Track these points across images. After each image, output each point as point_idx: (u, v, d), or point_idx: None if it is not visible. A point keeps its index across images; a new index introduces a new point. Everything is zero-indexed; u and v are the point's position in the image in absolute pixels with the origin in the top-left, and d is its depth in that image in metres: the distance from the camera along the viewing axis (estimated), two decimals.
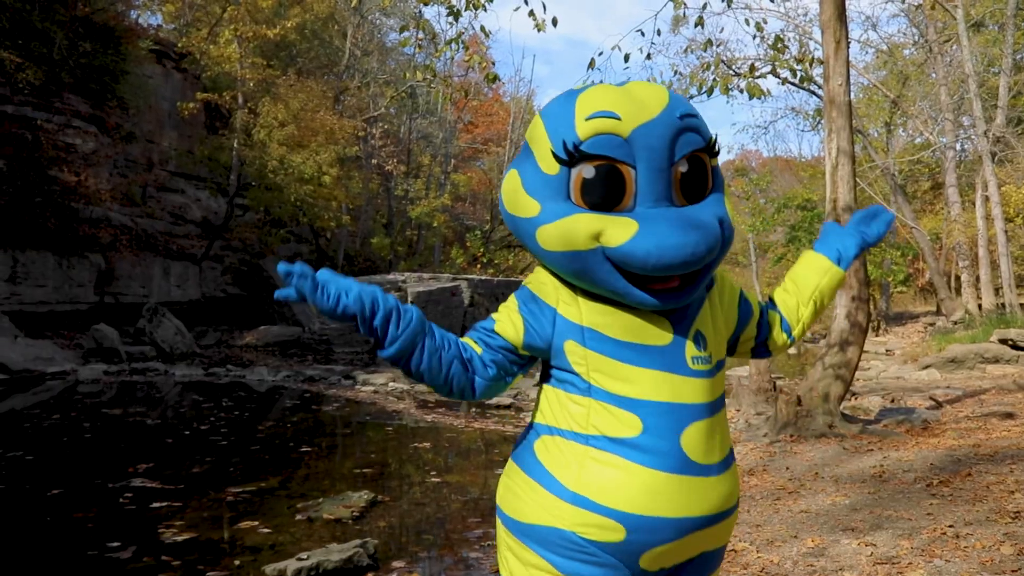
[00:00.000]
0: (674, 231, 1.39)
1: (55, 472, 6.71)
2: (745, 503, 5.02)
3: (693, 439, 1.46)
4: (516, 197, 1.54)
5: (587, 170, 1.42)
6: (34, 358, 13.73)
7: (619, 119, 1.40)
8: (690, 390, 1.47)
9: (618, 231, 1.40)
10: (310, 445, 8.26)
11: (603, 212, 1.42)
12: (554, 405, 1.52)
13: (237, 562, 4.51)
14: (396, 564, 4.45)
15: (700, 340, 1.52)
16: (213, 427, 9.06)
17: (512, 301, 1.58)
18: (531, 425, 1.59)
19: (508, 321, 1.55)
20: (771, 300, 1.77)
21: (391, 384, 13.10)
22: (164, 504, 5.64)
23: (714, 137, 1.49)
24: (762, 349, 1.74)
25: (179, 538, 4.88)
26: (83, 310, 18.10)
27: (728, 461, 1.55)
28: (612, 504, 1.43)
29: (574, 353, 1.49)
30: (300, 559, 4.23)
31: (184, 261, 21.99)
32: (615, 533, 1.43)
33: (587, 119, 1.41)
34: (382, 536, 4.92)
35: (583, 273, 1.46)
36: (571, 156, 1.41)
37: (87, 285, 18.28)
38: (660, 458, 1.44)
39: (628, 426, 1.44)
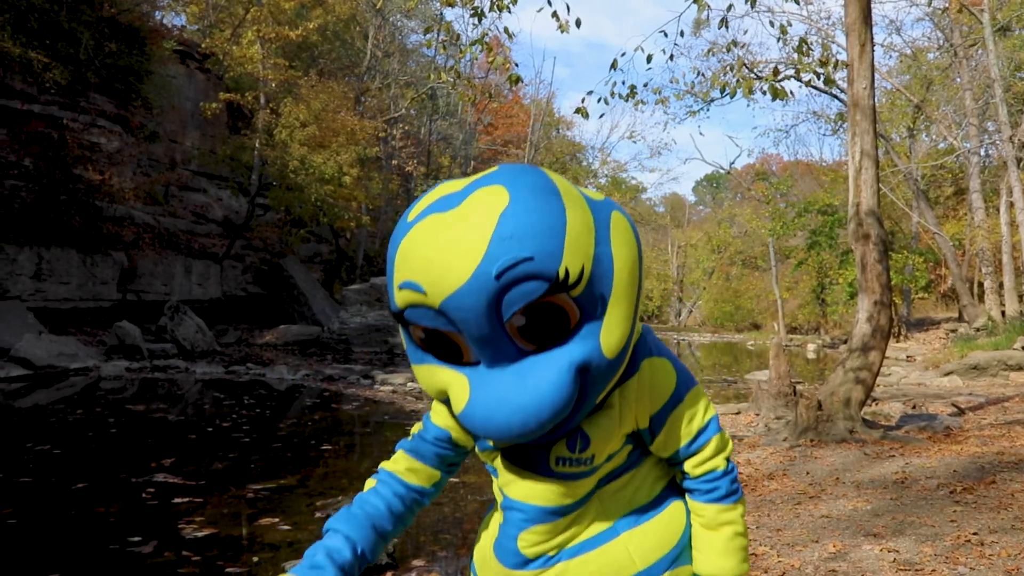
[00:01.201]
0: (501, 403, 1.17)
1: (80, 466, 6.78)
2: (765, 507, 4.99)
3: (531, 539, 1.32)
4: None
5: (418, 332, 1.23)
6: (58, 354, 13.88)
7: (424, 293, 1.16)
8: (543, 492, 1.31)
9: (456, 395, 1.23)
10: (329, 444, 8.30)
11: (450, 364, 1.24)
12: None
13: (256, 559, 4.53)
14: (415, 563, 4.46)
15: (578, 442, 1.29)
16: (235, 424, 9.12)
17: None
18: None
19: (440, 409, 1.41)
20: (691, 485, 1.39)
21: (410, 384, 13.14)
22: (185, 500, 5.68)
23: (562, 272, 1.13)
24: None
25: (199, 534, 4.91)
26: (106, 307, 18.28)
27: (600, 539, 1.34)
28: None
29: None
30: None
31: (205, 260, 22.16)
32: None
33: (399, 288, 1.20)
34: (400, 535, 4.93)
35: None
36: (400, 321, 1.24)
37: (110, 283, 18.47)
38: (502, 551, 1.35)
39: (499, 513, 1.38)
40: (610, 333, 1.20)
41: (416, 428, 1.43)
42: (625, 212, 1.29)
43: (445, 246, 1.14)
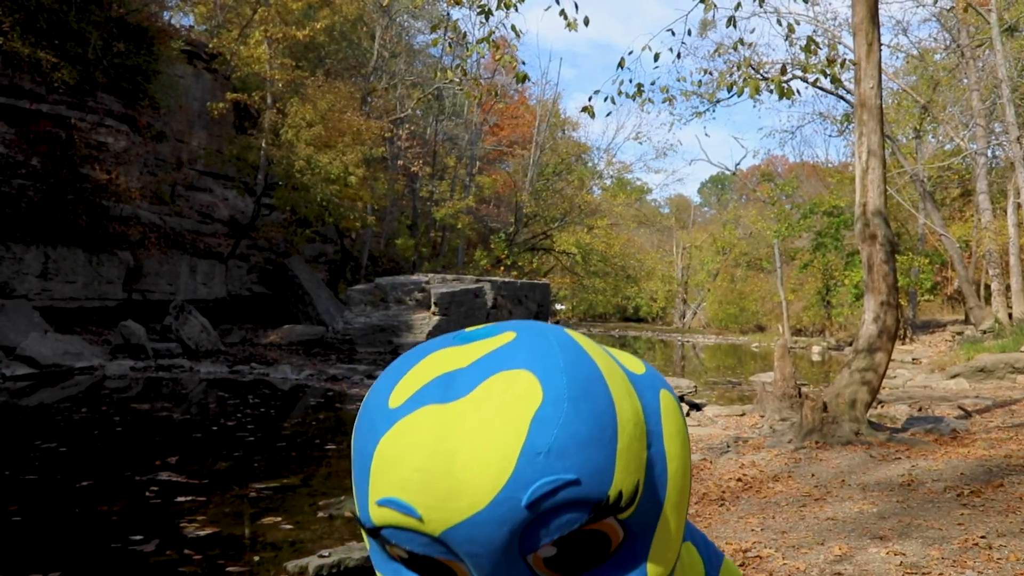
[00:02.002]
0: None
1: (85, 464, 6.77)
2: (770, 509, 4.96)
3: None
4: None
5: (398, 550, 0.85)
6: (63, 353, 13.89)
7: (419, 520, 0.80)
8: None
9: None
10: (332, 444, 8.28)
11: None
12: None
13: (257, 558, 4.52)
14: None
15: None
16: (239, 424, 9.11)
17: None
18: None
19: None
20: None
21: None
22: (188, 498, 5.67)
23: (614, 495, 0.81)
24: None
25: (202, 532, 4.90)
26: (111, 306, 18.30)
27: None
28: None
29: None
30: (322, 556, 4.23)
31: (211, 259, 22.18)
32: None
33: (377, 504, 0.82)
34: None
35: None
36: (373, 537, 0.85)
37: (116, 282, 18.49)
38: None
39: None
40: (659, 556, 0.90)
41: None
42: (671, 389, 0.94)
43: (452, 458, 0.78)
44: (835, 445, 6.92)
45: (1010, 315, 20.69)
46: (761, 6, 7.20)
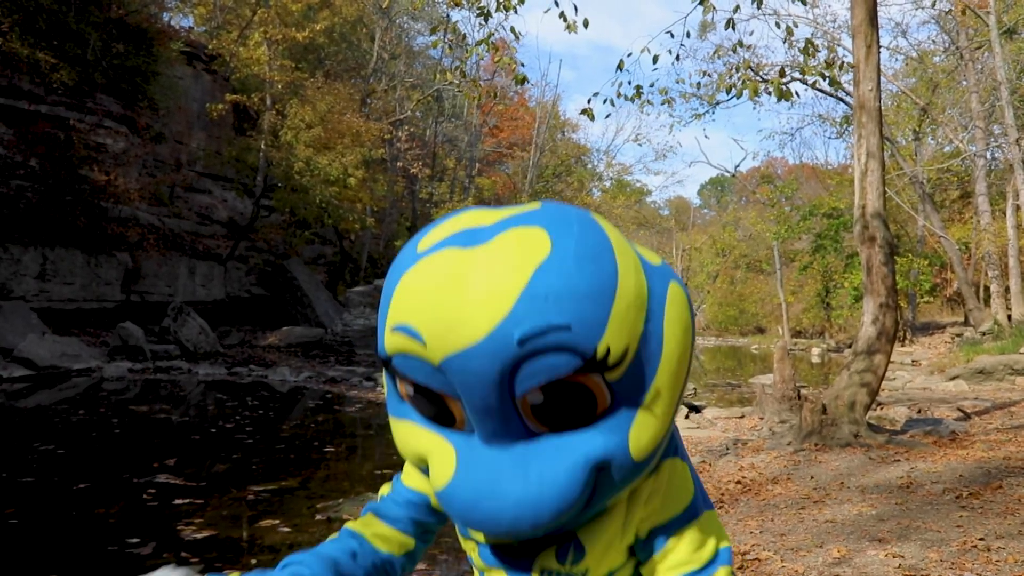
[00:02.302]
0: (492, 491, 0.96)
1: (83, 466, 6.76)
2: (769, 511, 4.95)
3: None
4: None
5: (407, 387, 1.01)
6: (61, 355, 13.88)
7: (423, 344, 0.93)
8: None
9: (438, 467, 1.01)
10: (331, 446, 8.27)
11: (436, 427, 1.02)
12: None
13: (255, 561, 4.51)
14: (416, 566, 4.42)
15: (571, 553, 1.08)
16: (238, 426, 9.11)
17: None
18: None
19: (414, 472, 1.19)
20: None
21: None
22: (186, 501, 5.66)
23: (603, 350, 0.90)
24: None
25: (199, 535, 4.89)
26: (110, 308, 18.29)
27: None
28: None
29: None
30: None
31: (209, 261, 22.17)
32: None
33: (392, 330, 0.97)
34: None
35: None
36: (386, 367, 1.02)
37: (114, 283, 18.48)
38: (481, 551, 1.11)
39: None
40: (643, 430, 0.98)
41: (385, 489, 1.18)
42: (683, 283, 1.06)
43: (460, 291, 0.91)
44: (834, 447, 6.91)
45: (1009, 317, 20.69)
46: (759, 8, 7.20)
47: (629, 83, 9.88)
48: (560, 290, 0.89)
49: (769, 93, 8.18)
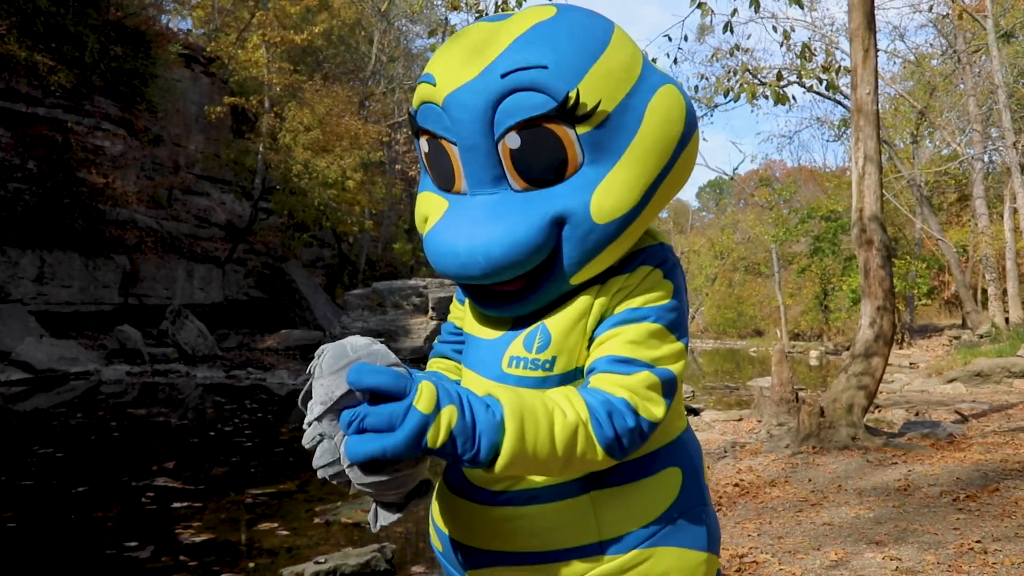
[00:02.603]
0: (459, 232, 1.07)
1: (82, 470, 6.77)
2: (767, 514, 4.96)
3: None
4: None
5: (423, 143, 1.15)
6: (58, 358, 13.88)
7: (434, 84, 1.09)
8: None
9: (431, 219, 1.15)
10: None
11: (442, 191, 1.16)
12: None
13: (253, 564, 4.51)
14: (414, 569, 4.43)
15: (537, 338, 1.11)
16: (237, 429, 9.11)
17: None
18: None
19: (457, 311, 1.36)
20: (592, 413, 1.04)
21: None
22: (184, 504, 5.66)
23: (573, 95, 1.01)
24: None
25: (197, 539, 4.89)
26: (107, 311, 18.28)
27: (562, 491, 1.11)
28: (433, 512, 1.26)
29: None
30: (318, 563, 4.23)
31: (208, 264, 22.17)
32: (439, 543, 1.24)
33: (419, 82, 1.14)
34: (399, 541, 4.91)
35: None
36: (413, 126, 1.17)
37: (112, 286, 18.47)
38: (451, 473, 1.20)
39: None
40: (606, 195, 1.05)
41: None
42: (687, 96, 1.15)
43: (470, 43, 1.08)
44: (832, 450, 6.92)
45: (1007, 319, 20.73)
46: (757, 11, 7.23)
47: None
48: (548, 38, 1.04)
49: (767, 97, 8.20)
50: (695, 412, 10.52)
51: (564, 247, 1.05)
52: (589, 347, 1.10)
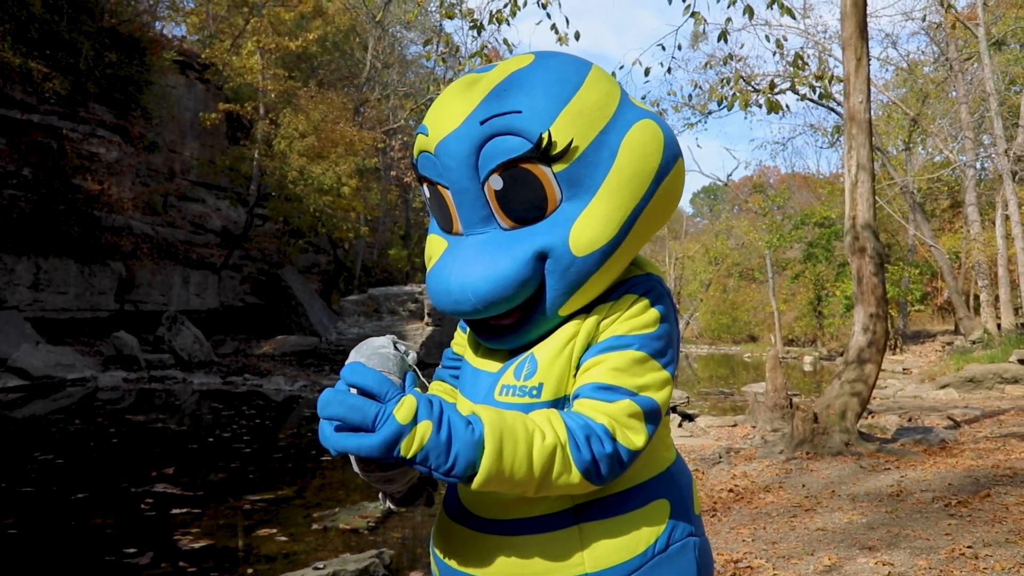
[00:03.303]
0: (451, 271, 1.14)
1: (81, 476, 6.79)
2: (761, 520, 5.01)
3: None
4: None
5: (425, 189, 1.23)
6: (55, 364, 13.87)
7: (427, 135, 1.18)
8: None
9: (432, 258, 1.23)
10: (326, 455, 8.30)
11: (444, 233, 1.23)
12: None
13: (251, 570, 4.54)
14: (411, 575, 4.47)
15: (526, 366, 1.16)
16: (235, 435, 9.13)
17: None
18: None
19: (458, 337, 1.45)
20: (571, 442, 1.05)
21: None
22: (184, 510, 5.69)
23: (545, 136, 1.08)
24: None
25: (196, 545, 4.92)
26: (103, 317, 18.28)
27: (549, 522, 1.13)
28: (432, 538, 1.30)
29: None
30: (317, 568, 4.26)
31: (203, 270, 22.18)
32: (436, 570, 1.27)
33: (416, 133, 1.22)
34: (397, 547, 4.94)
35: None
36: (415, 174, 1.25)
37: (108, 293, 18.47)
38: (447, 499, 1.26)
39: None
40: (584, 228, 1.11)
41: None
42: (667, 129, 1.20)
43: (456, 94, 1.16)
44: (826, 456, 6.98)
45: (999, 326, 20.84)
46: (751, 20, 7.29)
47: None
48: (523, 85, 1.12)
49: (760, 106, 8.27)
50: (690, 418, 10.56)
51: (548, 280, 1.12)
52: (576, 374, 1.14)
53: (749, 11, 7.60)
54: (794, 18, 7.52)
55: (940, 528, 4.47)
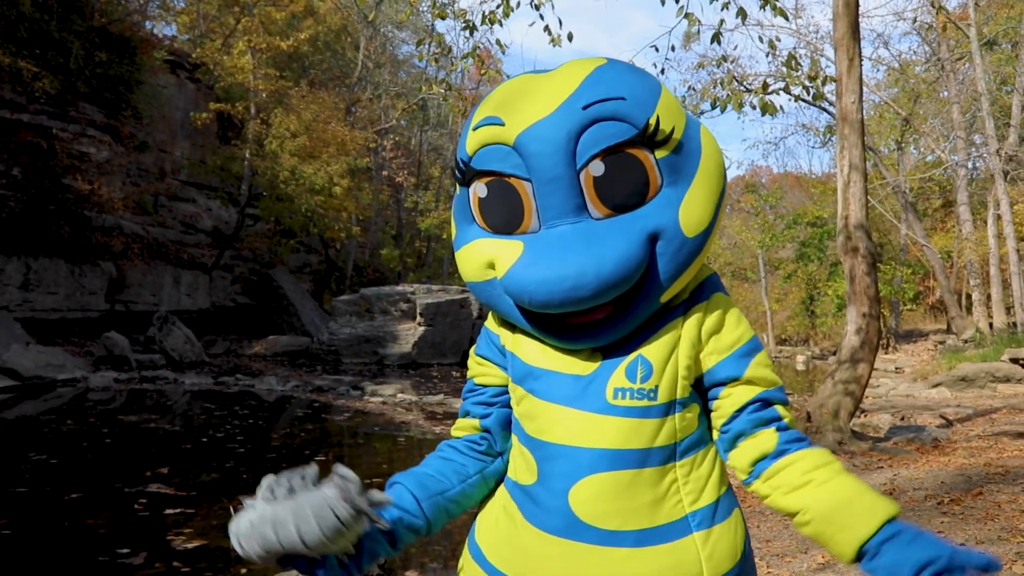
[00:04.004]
0: (556, 260, 1.09)
1: (74, 476, 6.76)
2: (755, 519, 5.01)
3: (586, 494, 1.12)
4: (451, 218, 1.35)
5: (480, 188, 1.19)
6: (45, 365, 13.80)
7: (503, 124, 1.14)
8: (598, 431, 1.13)
9: (505, 260, 1.16)
10: (320, 455, 8.28)
11: (503, 235, 1.18)
12: None
13: (244, 570, 4.53)
14: (406, 574, 4.46)
15: (639, 368, 1.15)
16: (228, 435, 9.11)
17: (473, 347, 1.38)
18: None
19: (477, 367, 1.34)
20: (784, 434, 1.17)
21: (399, 395, 13.12)
22: (177, 511, 5.67)
23: (653, 121, 1.11)
24: (719, 446, 1.22)
25: (190, 545, 4.90)
26: (94, 318, 18.20)
27: (670, 531, 1.14)
28: (494, 560, 1.21)
29: (509, 383, 1.29)
30: None
31: (194, 270, 22.11)
32: None
33: (474, 129, 1.18)
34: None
35: (492, 305, 1.25)
36: (463, 173, 1.21)
37: (98, 293, 18.40)
38: (545, 514, 1.16)
39: (529, 471, 1.20)
40: (691, 208, 1.14)
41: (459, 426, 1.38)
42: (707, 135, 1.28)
43: (536, 86, 1.15)
44: None
45: (991, 325, 20.92)
46: (743, 22, 7.30)
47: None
48: (616, 77, 1.14)
49: (753, 107, 8.29)
50: None
51: (659, 262, 1.13)
52: (685, 375, 1.17)
53: (742, 13, 7.60)
54: (787, 19, 7.54)
55: (933, 526, 4.49)
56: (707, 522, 1.16)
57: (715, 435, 1.22)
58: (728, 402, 1.18)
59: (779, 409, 1.18)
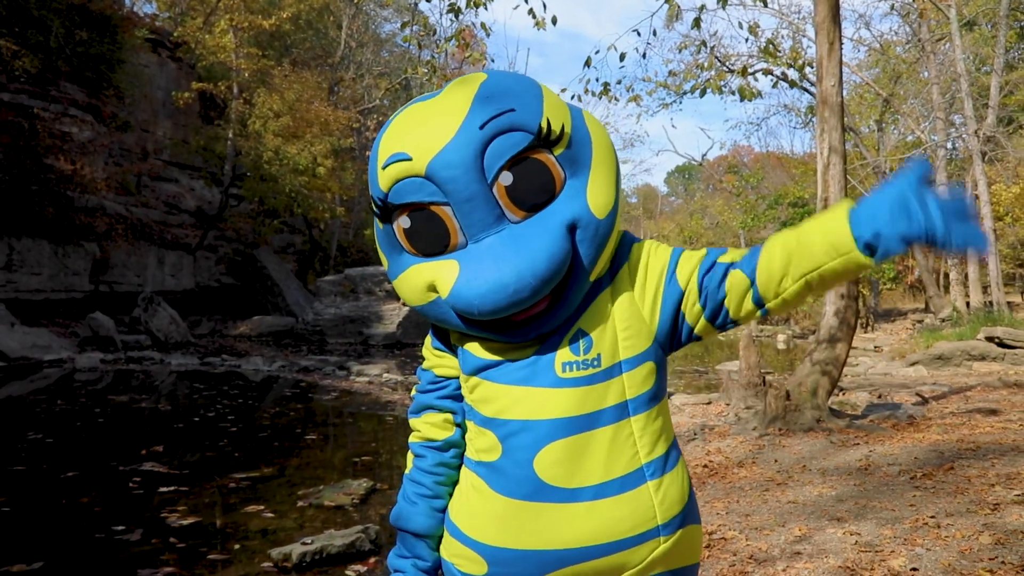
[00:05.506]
0: (493, 269, 1.18)
1: (70, 455, 6.85)
2: (734, 494, 5.17)
3: (549, 460, 1.24)
4: (378, 249, 1.42)
5: (403, 220, 1.26)
6: (31, 346, 13.82)
7: (410, 159, 1.21)
8: (553, 404, 1.24)
9: (445, 280, 1.24)
10: (308, 434, 8.40)
11: (436, 257, 1.26)
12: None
13: (239, 546, 4.64)
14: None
15: (581, 342, 1.26)
16: (218, 415, 9.21)
17: (427, 339, 1.46)
18: None
19: (436, 359, 1.43)
20: (754, 253, 1.27)
21: (385, 375, 13.23)
22: (171, 489, 5.78)
23: (544, 124, 1.22)
24: (724, 322, 1.30)
25: (184, 522, 5.02)
26: (78, 299, 18.17)
27: (627, 482, 1.26)
28: (471, 533, 1.32)
29: (460, 375, 1.39)
30: (305, 543, 4.37)
31: (178, 251, 22.05)
32: (478, 565, 1.31)
33: (383, 168, 1.24)
34: (382, 522, 5.06)
35: (441, 322, 1.32)
36: (383, 211, 1.28)
37: (82, 274, 18.35)
38: (513, 483, 1.27)
39: (491, 449, 1.30)
40: (597, 192, 1.26)
41: (413, 392, 1.47)
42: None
43: (429, 115, 1.24)
44: (797, 432, 7.17)
45: (968, 304, 21.23)
46: (724, 8, 7.39)
47: (596, 80, 10.05)
48: (501, 91, 1.24)
49: (733, 92, 8.39)
50: None
51: (581, 247, 1.24)
52: (620, 339, 1.29)
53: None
54: (766, 4, 7.63)
55: (905, 499, 4.66)
56: (659, 471, 1.29)
57: (711, 324, 1.31)
58: (689, 300, 1.29)
59: (722, 259, 1.29)
